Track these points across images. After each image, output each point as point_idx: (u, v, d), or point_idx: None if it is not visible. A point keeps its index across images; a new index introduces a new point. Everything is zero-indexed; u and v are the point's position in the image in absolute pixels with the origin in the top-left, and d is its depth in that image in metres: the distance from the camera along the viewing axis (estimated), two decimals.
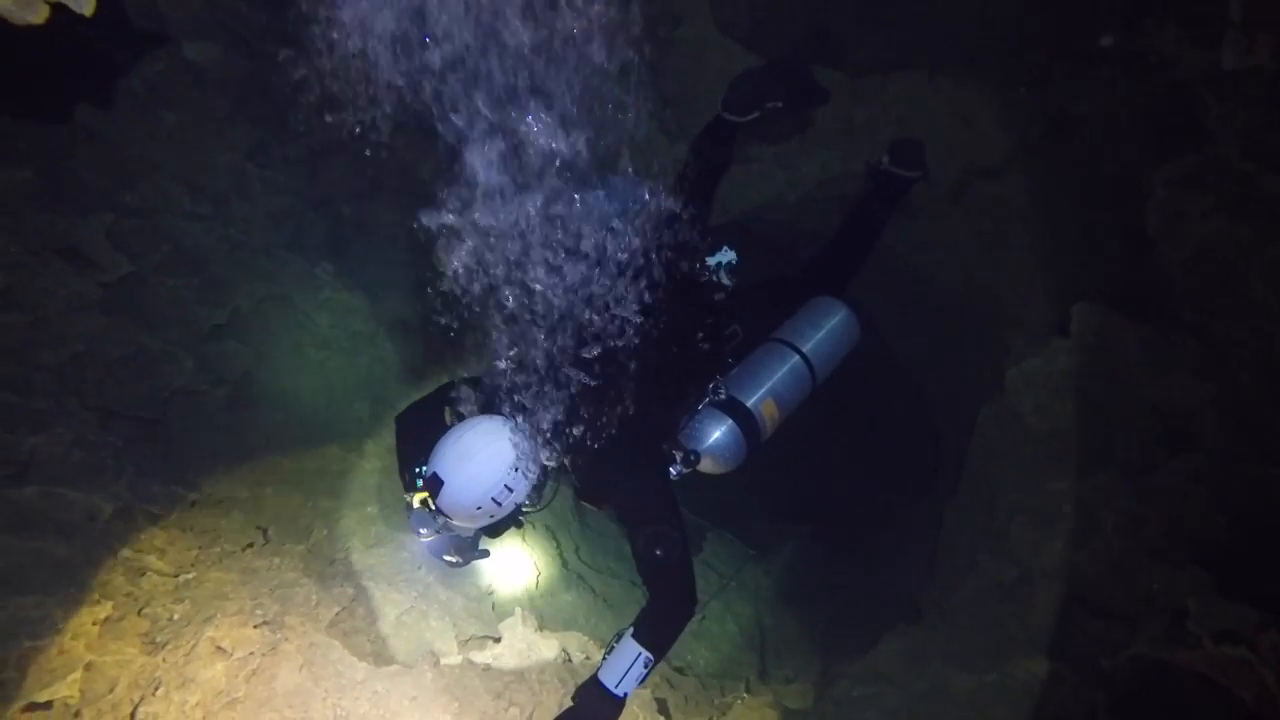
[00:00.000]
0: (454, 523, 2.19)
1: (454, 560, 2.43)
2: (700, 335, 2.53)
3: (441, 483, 2.09)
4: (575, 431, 2.22)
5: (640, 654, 2.17)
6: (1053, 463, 3.02)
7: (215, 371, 3.37)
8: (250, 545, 3.04)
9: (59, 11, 1.78)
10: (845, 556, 4.30)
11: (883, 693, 3.09)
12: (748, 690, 3.21)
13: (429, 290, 3.67)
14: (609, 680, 2.16)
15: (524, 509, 2.29)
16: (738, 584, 4.05)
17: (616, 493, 2.32)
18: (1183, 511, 2.51)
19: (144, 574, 2.65)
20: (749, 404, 2.51)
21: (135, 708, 2.27)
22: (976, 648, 3.02)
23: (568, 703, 2.25)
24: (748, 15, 3.37)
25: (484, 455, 2.13)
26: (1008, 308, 3.59)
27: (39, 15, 1.63)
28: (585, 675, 2.89)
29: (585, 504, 2.52)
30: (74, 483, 2.63)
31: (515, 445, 2.16)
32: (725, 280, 2.69)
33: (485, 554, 2.47)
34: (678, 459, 2.40)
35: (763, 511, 4.72)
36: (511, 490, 2.15)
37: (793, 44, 3.39)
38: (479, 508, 2.12)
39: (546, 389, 2.24)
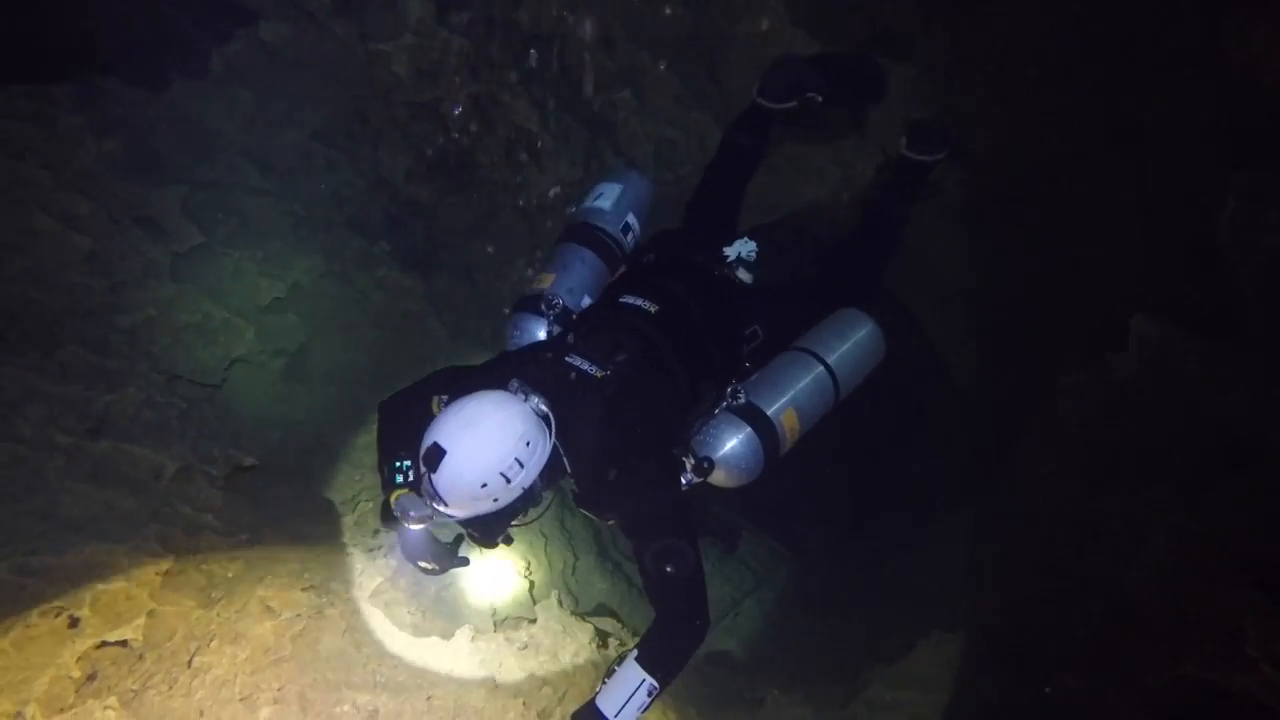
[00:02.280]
0: (448, 510, 1.89)
1: (429, 567, 2.23)
2: (716, 331, 2.37)
3: (443, 453, 1.80)
4: (575, 430, 2.00)
5: (644, 681, 1.97)
6: (1102, 476, 2.96)
7: (273, 342, 3.49)
8: (299, 513, 3.14)
9: None
10: (882, 561, 4.26)
11: (916, 699, 3.06)
12: (780, 689, 3.21)
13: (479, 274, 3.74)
14: (608, 709, 1.97)
15: (515, 519, 2.04)
16: (772, 583, 4.05)
17: (622, 501, 2.08)
18: (1240, 531, 2.44)
19: (202, 531, 2.75)
20: (769, 412, 2.31)
21: (191, 656, 2.36)
22: (1014, 660, 2.97)
23: (600, 685, 2.10)
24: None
25: (493, 421, 1.85)
26: (1060, 318, 3.52)
27: None
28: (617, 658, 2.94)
29: (586, 513, 2.26)
30: (142, 440, 2.75)
31: (526, 417, 1.91)
32: (743, 275, 2.56)
33: (465, 562, 2.29)
34: (688, 467, 2.19)
35: (794, 516, 4.70)
36: (522, 466, 1.87)
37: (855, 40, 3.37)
38: (484, 485, 1.83)
39: (546, 379, 2.05)
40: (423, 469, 1.85)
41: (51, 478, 2.40)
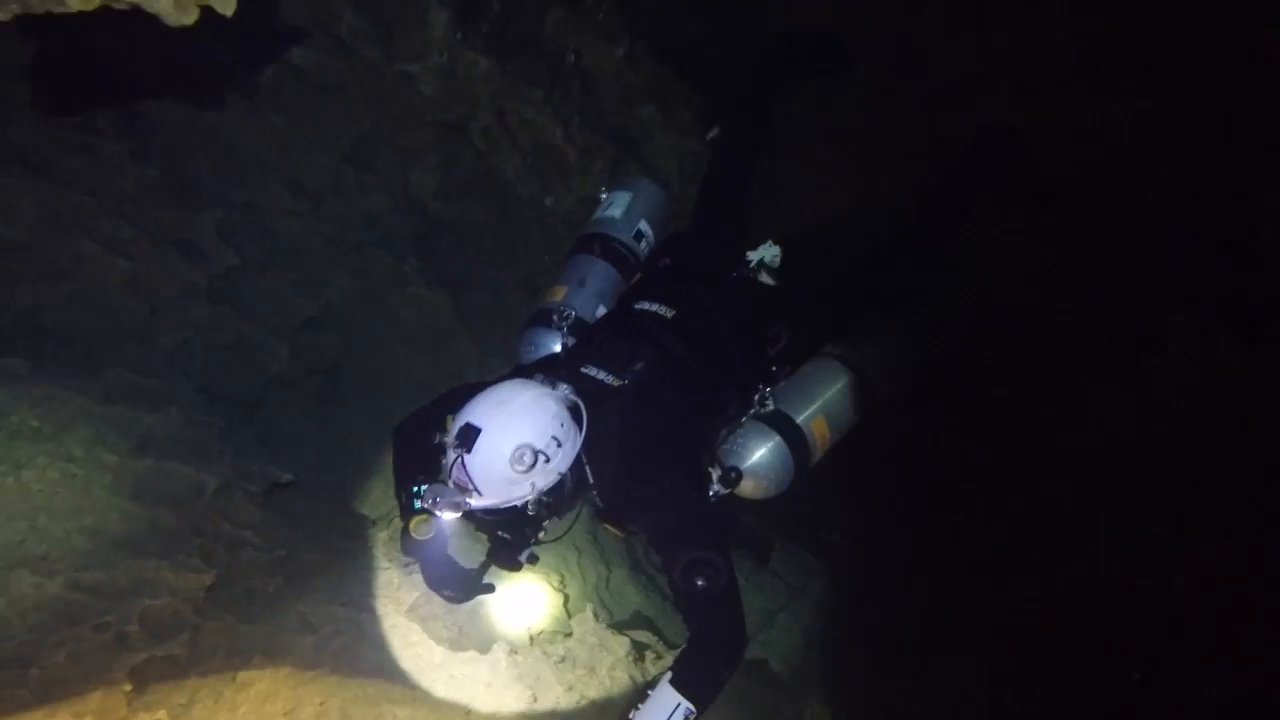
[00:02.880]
0: (479, 501, 1.82)
1: (453, 596, 2.16)
2: (737, 334, 2.28)
3: (478, 431, 1.74)
4: (596, 440, 1.93)
5: (679, 705, 1.87)
6: (1142, 482, 2.91)
7: (307, 361, 3.54)
8: (336, 529, 3.17)
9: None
10: (919, 570, 4.20)
11: (957, 709, 3.00)
12: (819, 701, 3.17)
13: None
14: None
15: (541, 532, 1.98)
16: (807, 595, 4.01)
17: (647, 513, 1.98)
18: None
19: (242, 548, 2.79)
20: (799, 420, 2.25)
21: (236, 671, 2.38)
22: (1054, 672, 2.91)
23: (633, 712, 1.97)
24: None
25: (528, 397, 1.81)
26: (1095, 322, 3.48)
27: (191, 17, 1.76)
28: (654, 673, 2.92)
29: (608, 527, 2.16)
30: (183, 458, 2.79)
31: (559, 400, 1.87)
32: (766, 279, 2.49)
33: (490, 589, 2.21)
34: (714, 477, 2.13)
35: (824, 524, 4.65)
36: (560, 446, 1.80)
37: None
38: (520, 466, 1.74)
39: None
40: (453, 453, 1.79)
41: (99, 496, 2.45)
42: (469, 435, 1.77)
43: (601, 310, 2.52)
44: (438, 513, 1.90)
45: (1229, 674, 2.25)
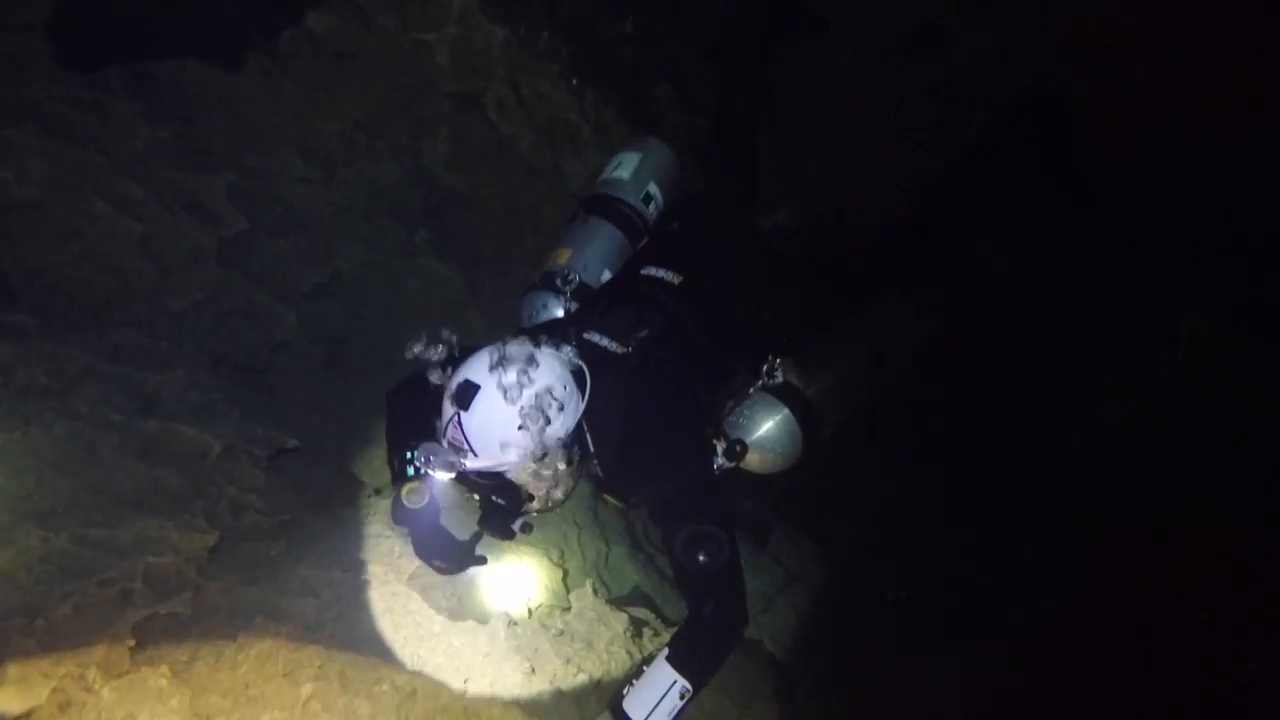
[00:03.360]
0: (475, 463, 1.74)
1: (445, 566, 2.08)
2: (747, 302, 2.21)
3: (477, 388, 1.67)
4: (597, 409, 1.85)
5: (675, 683, 1.80)
6: (1150, 479, 2.90)
7: (314, 329, 3.54)
8: (339, 495, 3.18)
9: None
10: (920, 558, 4.20)
11: (954, 701, 3.02)
12: (812, 683, 3.19)
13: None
14: (636, 712, 1.80)
15: (532, 506, 1.90)
16: (805, 581, 4.02)
17: (648, 484, 1.92)
18: None
19: (245, 511, 2.80)
20: (809, 392, 2.17)
21: (237, 631, 2.40)
22: (1057, 666, 2.92)
23: (627, 688, 1.92)
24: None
25: (527, 357, 1.73)
26: (1104, 318, 3.45)
27: None
28: (652, 650, 2.94)
29: (608, 498, 2.13)
30: (189, 420, 2.80)
31: (562, 360, 1.80)
32: (777, 244, 2.50)
33: (482, 560, 2.13)
34: (719, 450, 2.06)
35: (826, 512, 4.65)
36: (563, 408, 1.73)
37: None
38: (521, 426, 1.68)
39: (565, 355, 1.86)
40: (450, 411, 1.71)
41: (105, 454, 2.46)
42: (467, 392, 1.69)
43: (607, 275, 2.44)
44: (431, 472, 1.81)
45: (1229, 671, 2.26)
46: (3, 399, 2.26)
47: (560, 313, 2.33)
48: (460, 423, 1.71)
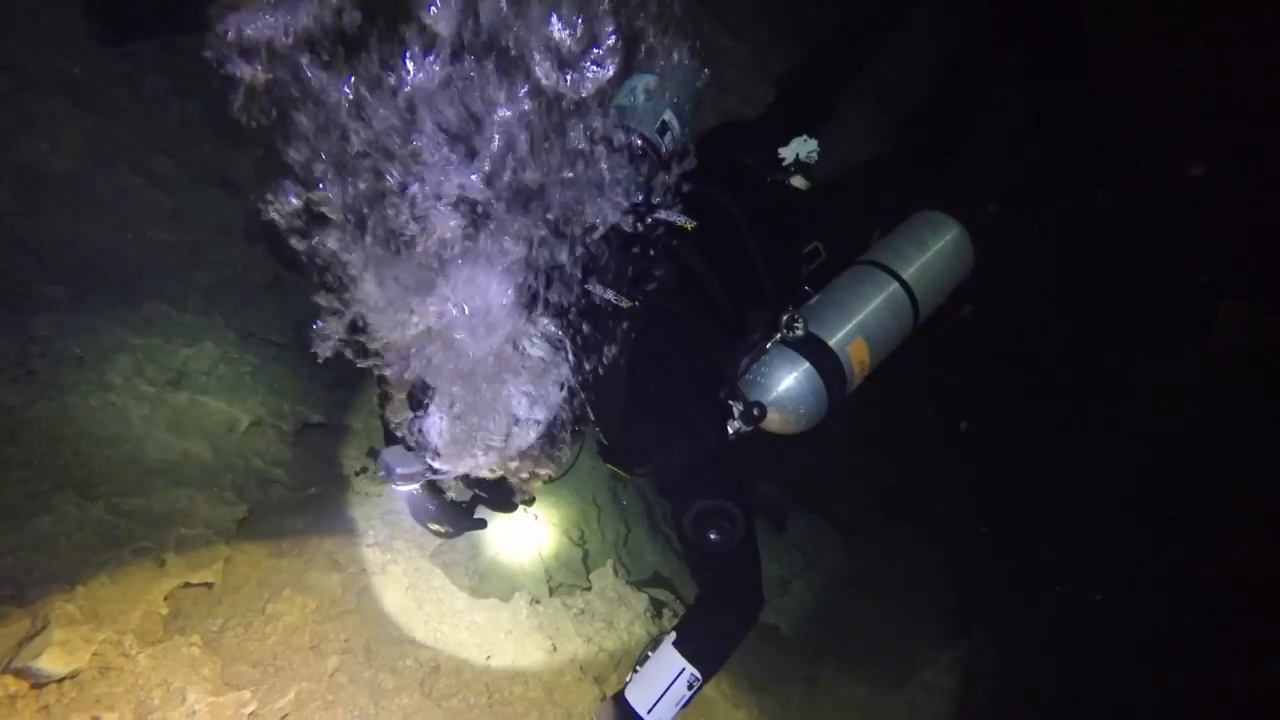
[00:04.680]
0: (443, 464, 1.63)
1: (441, 529, 1.97)
2: (767, 250, 2.00)
3: (429, 389, 1.55)
4: (599, 369, 1.69)
5: (683, 670, 1.67)
6: (1180, 468, 2.86)
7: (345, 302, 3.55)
8: (363, 471, 3.21)
9: None
10: (934, 544, 4.19)
11: (968, 685, 3.02)
12: (833, 669, 3.20)
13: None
14: (640, 703, 1.67)
15: (527, 485, 1.78)
16: (822, 565, 4.02)
17: (655, 453, 1.74)
18: None
19: (272, 484, 2.83)
20: (832, 343, 1.95)
21: (265, 603, 2.43)
22: (1074, 653, 2.91)
23: (630, 675, 1.83)
24: None
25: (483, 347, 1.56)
26: (1138, 304, 3.39)
27: None
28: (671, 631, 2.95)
29: (612, 469, 1.97)
30: (217, 394, 2.83)
31: (527, 341, 1.63)
32: (799, 181, 2.20)
33: (482, 524, 2.01)
34: (736, 412, 1.86)
35: (844, 498, 4.64)
36: (534, 400, 1.62)
37: None
38: (484, 431, 1.58)
39: (563, 310, 1.69)
40: (409, 413, 1.58)
41: (137, 425, 2.48)
42: (421, 393, 1.55)
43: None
44: (395, 486, 1.67)
45: (1260, 664, 2.24)
46: (40, 369, 2.28)
47: (563, 257, 2.02)
48: (420, 427, 1.59)
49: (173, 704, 1.93)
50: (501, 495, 1.85)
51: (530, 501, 1.93)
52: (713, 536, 1.62)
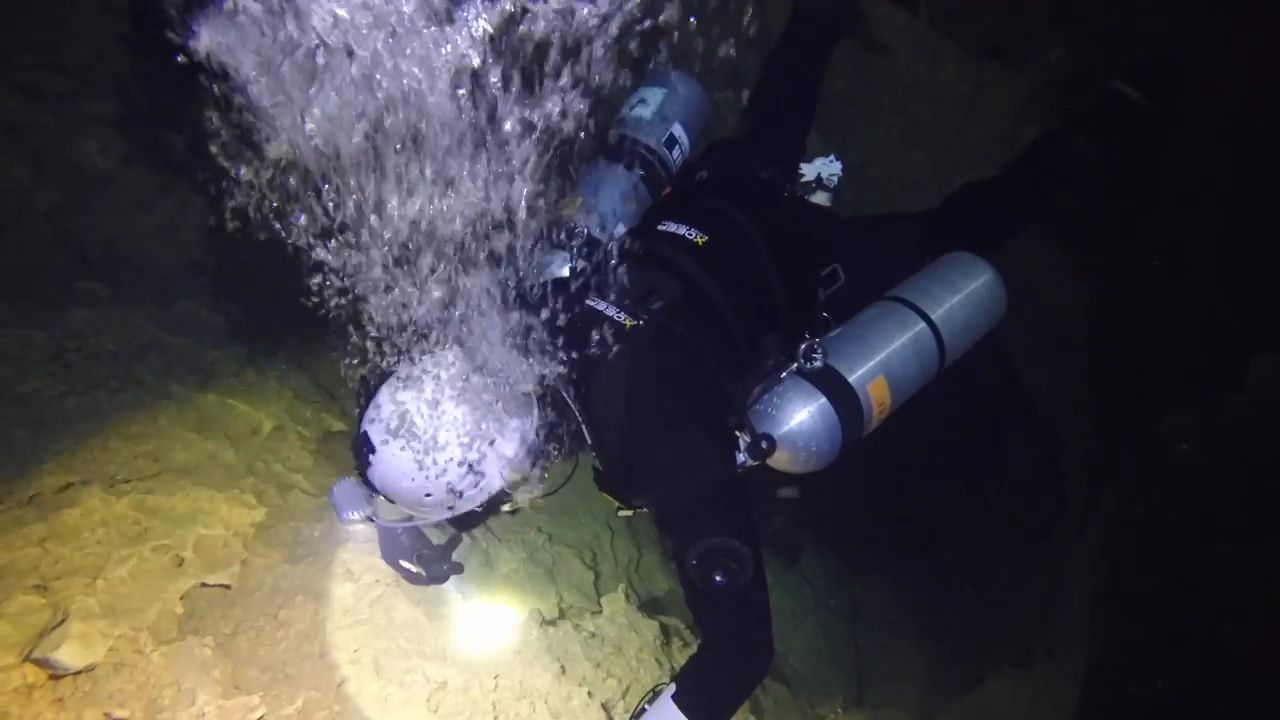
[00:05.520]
0: (392, 511, 1.59)
1: (415, 570, 1.87)
2: (783, 269, 1.88)
3: (370, 451, 1.48)
4: (598, 392, 1.59)
5: None
6: (1210, 524, 2.81)
7: (373, 315, 3.59)
8: None
9: None
10: (952, 588, 4.13)
11: None
12: (841, 708, 3.13)
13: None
14: None
15: (511, 496, 1.63)
16: (834, 602, 3.97)
17: (656, 485, 1.60)
18: None
19: (291, 490, 2.83)
20: (852, 379, 1.82)
21: (278, 609, 2.42)
22: (1097, 708, 2.84)
23: (664, 681, 1.79)
24: None
25: (431, 433, 1.47)
26: (1168, 357, 3.36)
27: None
28: (680, 661, 2.91)
29: (610, 499, 1.83)
30: (243, 396, 2.85)
31: (481, 407, 1.50)
32: (820, 198, 2.13)
33: (459, 569, 1.93)
34: (743, 444, 1.75)
35: (859, 536, 4.59)
36: (479, 475, 1.51)
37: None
38: (429, 495, 1.50)
39: (551, 326, 1.59)
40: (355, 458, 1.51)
41: (164, 424, 2.51)
42: (362, 451, 1.49)
43: (621, 230, 2.13)
44: (341, 522, 1.61)
45: None
46: (75, 363, 2.32)
47: (564, 272, 2.00)
48: (366, 475, 1.53)
49: (183, 705, 1.92)
50: (465, 522, 1.68)
51: (515, 513, 1.76)
52: (718, 579, 1.49)
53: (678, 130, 2.24)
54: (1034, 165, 2.22)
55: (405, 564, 1.85)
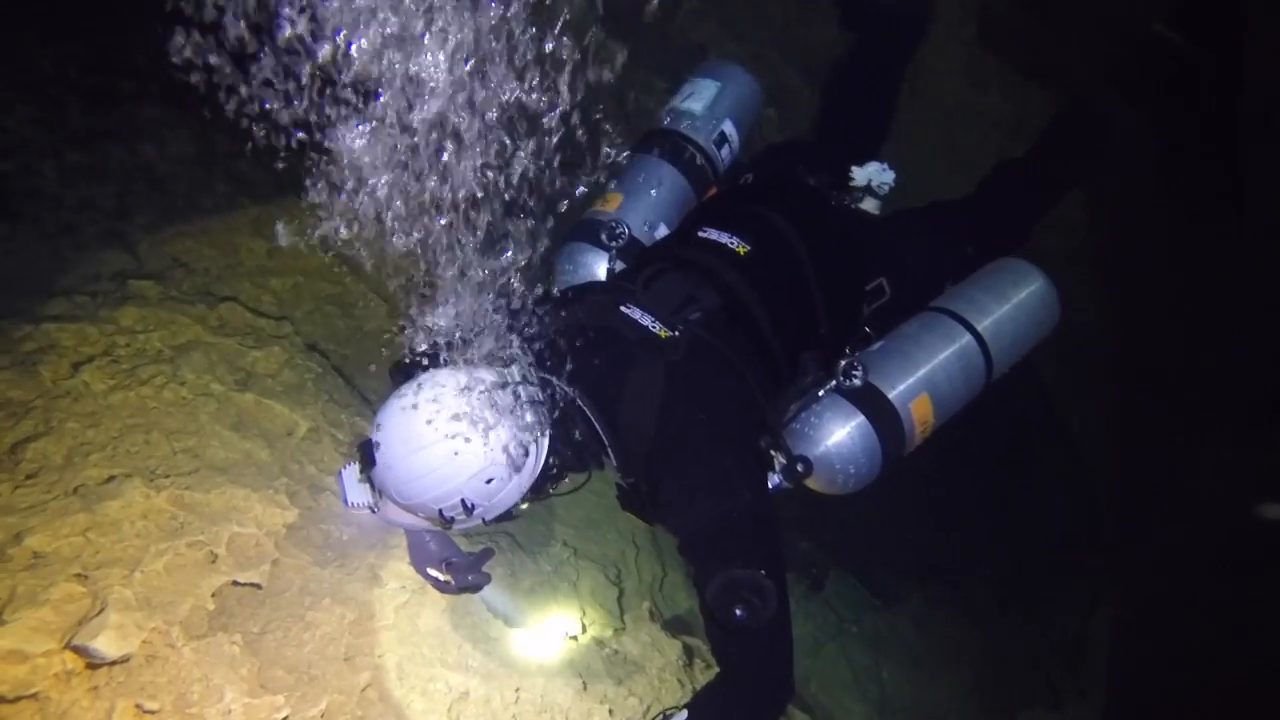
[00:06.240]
0: (407, 518, 1.58)
1: (443, 579, 1.82)
2: (828, 284, 1.80)
3: (374, 465, 1.49)
4: (625, 405, 1.52)
5: None
6: (1250, 565, 2.71)
7: (406, 321, 3.63)
8: None
9: None
10: (980, 621, 4.03)
11: None
12: None
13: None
14: None
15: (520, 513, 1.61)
16: (858, 630, 3.90)
17: (682, 508, 1.53)
18: None
19: (323, 492, 2.86)
20: (892, 396, 1.74)
21: (305, 610, 2.44)
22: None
23: (675, 707, 1.69)
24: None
25: (438, 448, 1.43)
26: (1210, 390, 3.27)
27: None
28: (703, 682, 2.87)
29: (634, 517, 1.80)
30: (280, 398, 2.89)
31: (493, 429, 1.45)
32: (869, 205, 2.04)
33: (486, 579, 1.91)
34: (778, 466, 1.70)
35: (885, 564, 4.51)
36: (493, 484, 1.47)
37: None
38: (441, 512, 1.51)
39: (588, 336, 1.53)
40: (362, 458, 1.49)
41: (204, 421, 2.55)
42: (367, 456, 1.49)
43: (662, 231, 2.05)
44: (346, 506, 1.56)
45: None
46: (123, 359, 2.37)
47: (602, 272, 1.96)
48: (372, 481, 1.52)
49: (211, 701, 1.93)
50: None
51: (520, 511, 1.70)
52: (738, 612, 1.39)
53: (729, 128, 2.15)
54: (1067, 138, 2.13)
55: (433, 571, 1.84)
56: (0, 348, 2.24)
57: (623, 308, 1.66)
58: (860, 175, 2.01)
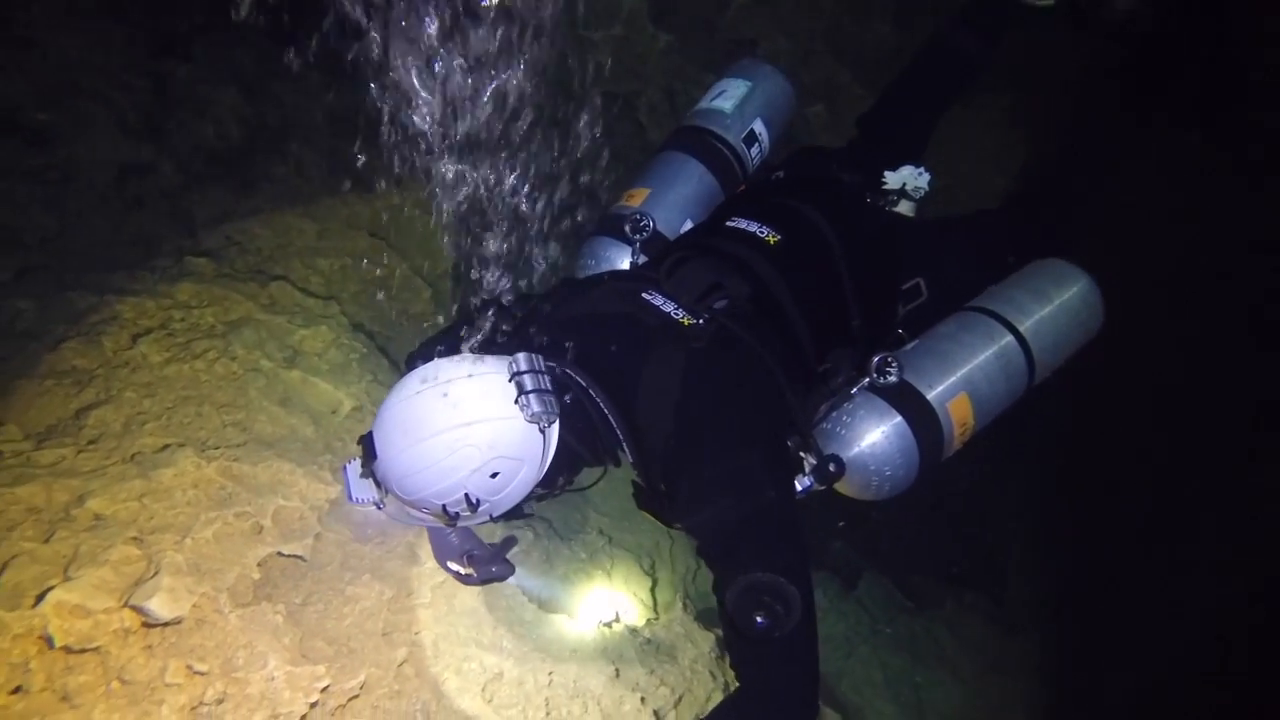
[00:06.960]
0: (392, 512, 1.54)
1: (462, 572, 1.80)
2: (861, 279, 1.74)
3: (374, 457, 1.44)
4: (643, 397, 1.45)
5: None
6: None
7: (445, 306, 3.67)
8: None
9: None
10: (1017, 628, 3.94)
11: None
12: None
13: None
14: None
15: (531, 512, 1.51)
16: (890, 632, 3.84)
17: (701, 507, 1.44)
18: None
19: None
20: (931, 396, 1.66)
21: (346, 585, 2.48)
22: None
23: (716, 695, 1.71)
24: None
25: (440, 439, 1.37)
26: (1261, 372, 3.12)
27: None
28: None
29: (649, 516, 1.69)
30: (326, 376, 2.94)
31: (497, 420, 1.37)
32: (904, 208, 1.99)
33: (511, 569, 1.85)
34: (808, 467, 1.60)
35: (917, 567, 4.43)
36: (499, 479, 1.41)
37: None
38: (444, 506, 1.46)
39: (610, 325, 1.47)
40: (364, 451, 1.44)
41: (252, 396, 2.60)
42: (368, 451, 1.43)
43: (688, 226, 2.03)
44: (349, 501, 1.54)
45: None
46: (179, 332, 2.44)
47: (624, 265, 1.92)
48: (374, 475, 1.47)
49: (255, 666, 1.98)
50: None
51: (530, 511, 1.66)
52: (759, 620, 1.29)
53: (759, 127, 2.12)
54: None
55: (454, 565, 1.81)
56: (68, 317, 2.33)
57: (644, 294, 1.59)
58: (894, 179, 1.97)
